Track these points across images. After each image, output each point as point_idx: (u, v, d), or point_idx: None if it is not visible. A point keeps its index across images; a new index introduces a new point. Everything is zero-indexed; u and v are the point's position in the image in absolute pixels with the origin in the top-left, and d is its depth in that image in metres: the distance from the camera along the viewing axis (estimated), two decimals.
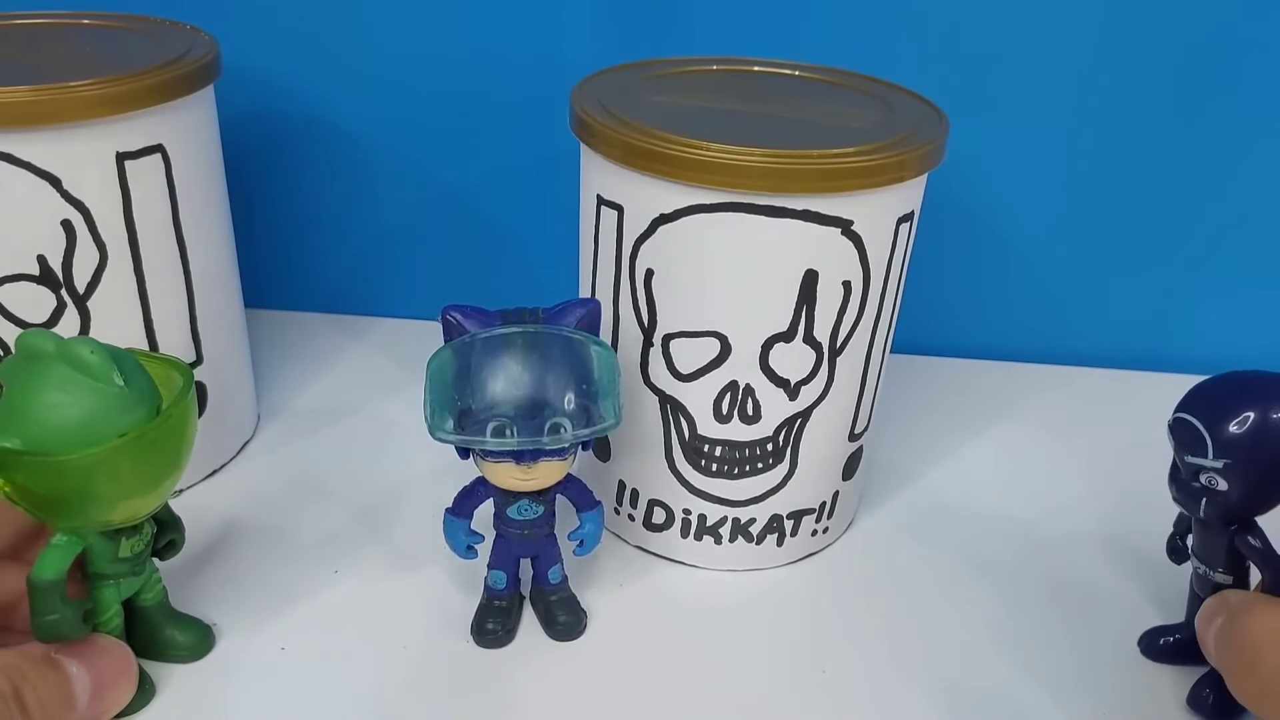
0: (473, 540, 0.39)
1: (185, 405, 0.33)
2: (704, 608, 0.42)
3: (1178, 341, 0.61)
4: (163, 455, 0.33)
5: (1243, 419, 0.34)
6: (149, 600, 0.36)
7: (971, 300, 0.61)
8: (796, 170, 0.35)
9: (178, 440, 0.33)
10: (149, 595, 0.36)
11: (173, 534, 0.37)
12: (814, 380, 0.40)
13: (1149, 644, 0.40)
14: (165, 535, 0.37)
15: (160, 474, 0.33)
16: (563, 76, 0.45)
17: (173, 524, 0.37)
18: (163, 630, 0.37)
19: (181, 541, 0.38)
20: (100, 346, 0.31)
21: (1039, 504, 0.49)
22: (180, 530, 0.38)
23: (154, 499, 0.34)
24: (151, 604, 0.37)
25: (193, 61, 0.41)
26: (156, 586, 0.37)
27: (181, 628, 0.38)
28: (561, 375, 0.35)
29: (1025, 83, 0.54)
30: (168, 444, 0.33)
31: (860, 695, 0.38)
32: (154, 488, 0.33)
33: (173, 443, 0.33)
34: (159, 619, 0.37)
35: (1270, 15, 0.52)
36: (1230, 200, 0.57)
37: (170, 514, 0.37)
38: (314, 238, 0.62)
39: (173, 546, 0.37)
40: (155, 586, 0.37)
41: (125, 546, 0.34)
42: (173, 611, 0.38)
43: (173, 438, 0.33)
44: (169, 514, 0.37)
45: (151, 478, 0.33)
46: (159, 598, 0.37)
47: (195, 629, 0.38)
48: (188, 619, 0.38)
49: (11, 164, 0.38)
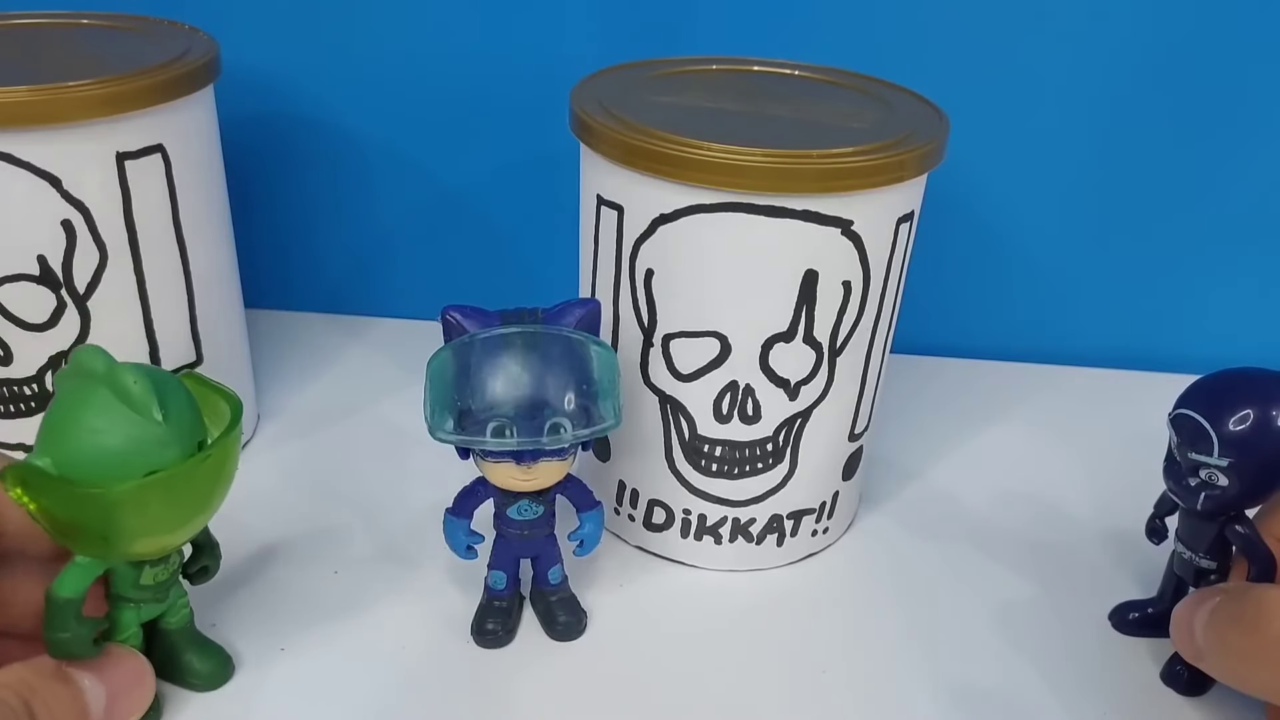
0: (473, 540, 0.39)
1: (225, 446, 0.32)
2: (704, 608, 0.42)
3: (1178, 341, 0.61)
4: (194, 494, 0.32)
5: (1248, 417, 0.34)
6: (173, 624, 0.36)
7: (971, 300, 0.61)
8: (796, 170, 0.35)
9: (212, 481, 0.32)
10: (173, 619, 0.35)
11: (207, 560, 0.36)
12: (814, 380, 0.40)
13: (1119, 619, 0.41)
14: (199, 560, 0.36)
15: (189, 513, 0.32)
16: (563, 76, 0.45)
17: (209, 549, 0.36)
18: (183, 655, 0.36)
19: (215, 568, 0.37)
20: (146, 376, 0.30)
21: (1039, 504, 0.49)
22: (215, 557, 0.37)
23: (181, 536, 0.33)
24: (175, 628, 0.36)
25: (192, 61, 0.41)
26: (182, 611, 0.36)
27: (202, 655, 0.36)
28: (561, 375, 0.35)
29: (1025, 83, 0.54)
30: (200, 484, 0.32)
31: (860, 695, 0.38)
32: (181, 525, 0.32)
33: (206, 483, 0.32)
34: (181, 643, 0.36)
35: (1272, 16, 0.52)
36: (1230, 200, 0.57)
37: (208, 538, 0.36)
38: (314, 238, 0.62)
39: (205, 573, 0.37)
40: (181, 611, 0.36)
41: (148, 575, 0.33)
42: (196, 637, 0.37)
43: (207, 479, 0.32)
44: (206, 537, 0.36)
45: (179, 516, 0.32)
46: (183, 622, 0.36)
47: (215, 657, 0.37)
48: (210, 647, 0.37)
49: (11, 164, 0.38)
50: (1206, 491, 0.35)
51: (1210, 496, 0.36)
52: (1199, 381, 0.36)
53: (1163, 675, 0.39)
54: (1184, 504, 0.37)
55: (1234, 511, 0.36)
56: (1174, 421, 0.36)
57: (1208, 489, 0.35)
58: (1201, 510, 0.36)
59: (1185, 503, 0.37)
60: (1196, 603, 0.35)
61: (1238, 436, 0.34)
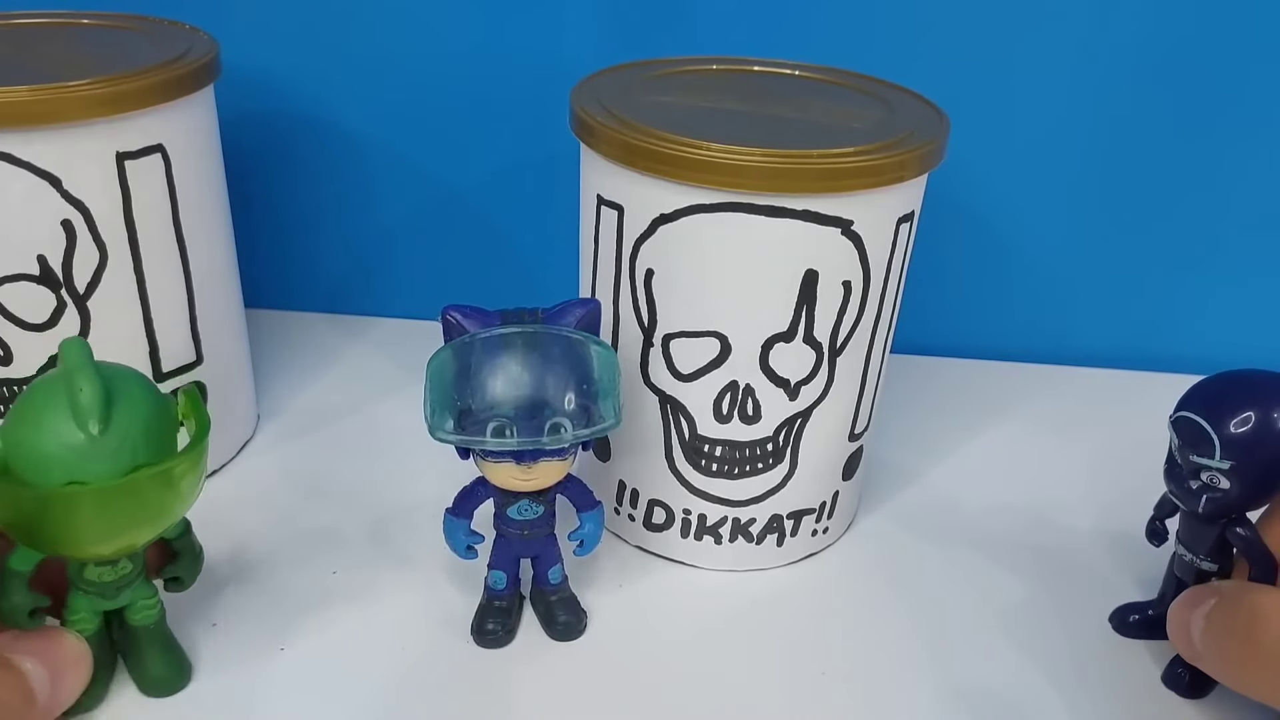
0: (473, 540, 0.39)
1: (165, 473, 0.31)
2: (704, 608, 0.42)
3: (1178, 341, 0.61)
4: (129, 511, 0.31)
5: (1249, 420, 0.34)
6: (136, 620, 0.35)
7: (971, 300, 0.61)
8: (796, 170, 0.35)
9: (156, 501, 0.31)
10: (137, 616, 0.35)
11: (181, 571, 0.36)
12: (814, 380, 0.40)
13: (1120, 621, 0.41)
14: (172, 569, 0.36)
15: (123, 527, 0.31)
16: (563, 76, 0.45)
17: (187, 559, 0.36)
18: (142, 653, 0.36)
19: (190, 581, 0.36)
20: (98, 387, 0.29)
21: (1040, 505, 0.49)
22: (190, 569, 0.36)
23: (114, 546, 0.32)
24: (138, 624, 0.35)
25: (193, 61, 0.41)
26: (147, 610, 0.35)
27: (158, 658, 0.36)
28: (561, 375, 0.35)
29: (1026, 82, 0.54)
30: (135, 503, 0.31)
31: (860, 695, 0.38)
32: (113, 538, 0.32)
33: (145, 503, 0.31)
34: (143, 641, 0.35)
35: (1273, 15, 0.52)
36: (1230, 200, 0.57)
37: (188, 546, 0.36)
38: (313, 238, 0.62)
39: (177, 583, 0.36)
40: (146, 610, 0.35)
41: (92, 572, 0.33)
42: (160, 638, 0.36)
43: (143, 498, 0.31)
44: (186, 545, 0.36)
45: (111, 529, 0.31)
46: (148, 620, 0.35)
47: (172, 664, 0.36)
48: (171, 652, 0.36)
49: (11, 164, 0.38)
50: (1208, 494, 0.35)
51: (1212, 499, 0.35)
52: (1200, 384, 0.36)
53: (1164, 678, 0.39)
54: (1185, 506, 0.37)
55: (1235, 514, 0.36)
56: (1175, 424, 0.36)
57: (1209, 491, 0.35)
58: (1203, 513, 0.36)
59: (1186, 505, 0.37)
60: (1192, 603, 0.35)
61: (1239, 439, 0.34)
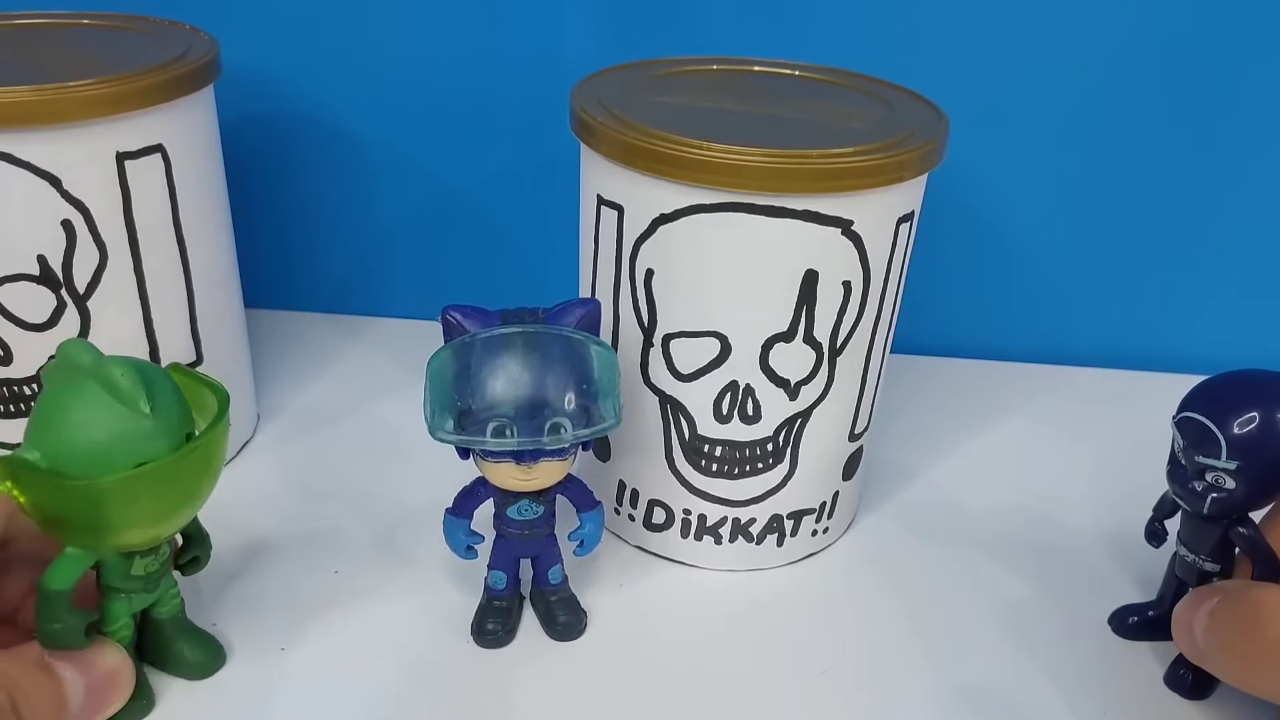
0: (473, 540, 0.39)
1: (212, 437, 0.32)
2: (704, 608, 0.42)
3: (1178, 341, 0.61)
4: (183, 486, 0.32)
5: (1255, 419, 0.34)
6: (163, 613, 0.36)
7: (971, 300, 0.61)
8: (796, 170, 0.35)
9: (200, 473, 0.32)
10: (164, 609, 0.36)
11: (197, 550, 0.37)
12: (814, 380, 0.40)
13: (1119, 623, 0.41)
14: (190, 550, 0.36)
15: (178, 504, 0.32)
16: (563, 76, 0.45)
17: (200, 540, 0.37)
18: (174, 644, 0.36)
19: (206, 558, 0.37)
20: (133, 369, 0.30)
21: (1040, 505, 0.49)
22: (206, 548, 0.37)
23: (170, 527, 0.33)
24: (165, 617, 0.36)
25: (192, 61, 0.41)
26: (173, 601, 0.36)
27: (193, 644, 0.37)
28: (561, 375, 0.35)
29: (1025, 83, 0.54)
30: (188, 475, 0.32)
31: (860, 695, 0.38)
32: (170, 516, 0.32)
33: (194, 475, 0.32)
34: (172, 632, 0.36)
35: (1273, 15, 0.52)
36: (1230, 200, 0.57)
37: (198, 529, 0.36)
38: (313, 238, 0.62)
39: (196, 563, 0.37)
40: (171, 601, 0.36)
41: (139, 565, 0.33)
42: (187, 626, 0.37)
43: (194, 470, 0.32)
44: (196, 528, 0.36)
45: (168, 507, 0.32)
46: (174, 611, 0.36)
47: (207, 647, 0.37)
48: (201, 636, 0.37)
49: (11, 164, 0.38)
50: (1213, 495, 0.35)
51: (1216, 500, 0.35)
52: (1203, 384, 0.36)
53: (1166, 678, 0.39)
54: (1190, 507, 0.37)
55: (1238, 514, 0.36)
56: (1179, 425, 0.36)
57: (1214, 492, 0.35)
58: (1207, 513, 0.36)
59: (1191, 506, 0.36)
60: (1196, 602, 0.35)
61: (1245, 439, 0.34)
